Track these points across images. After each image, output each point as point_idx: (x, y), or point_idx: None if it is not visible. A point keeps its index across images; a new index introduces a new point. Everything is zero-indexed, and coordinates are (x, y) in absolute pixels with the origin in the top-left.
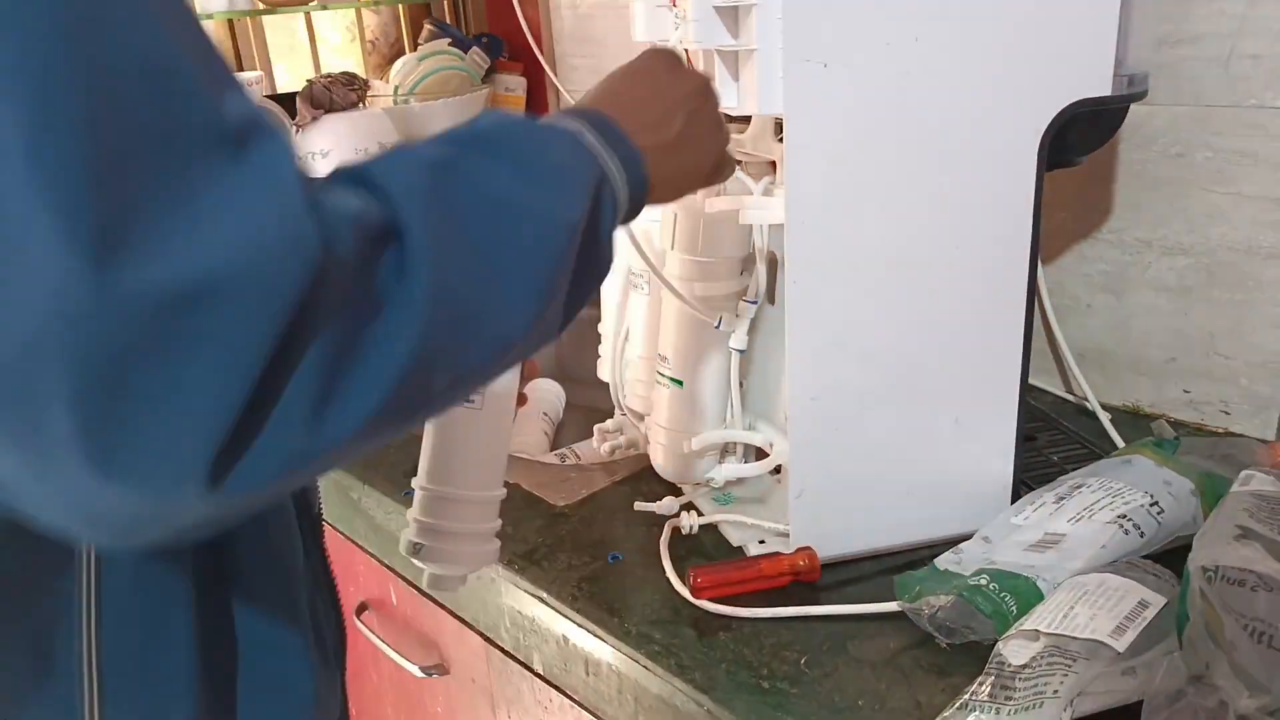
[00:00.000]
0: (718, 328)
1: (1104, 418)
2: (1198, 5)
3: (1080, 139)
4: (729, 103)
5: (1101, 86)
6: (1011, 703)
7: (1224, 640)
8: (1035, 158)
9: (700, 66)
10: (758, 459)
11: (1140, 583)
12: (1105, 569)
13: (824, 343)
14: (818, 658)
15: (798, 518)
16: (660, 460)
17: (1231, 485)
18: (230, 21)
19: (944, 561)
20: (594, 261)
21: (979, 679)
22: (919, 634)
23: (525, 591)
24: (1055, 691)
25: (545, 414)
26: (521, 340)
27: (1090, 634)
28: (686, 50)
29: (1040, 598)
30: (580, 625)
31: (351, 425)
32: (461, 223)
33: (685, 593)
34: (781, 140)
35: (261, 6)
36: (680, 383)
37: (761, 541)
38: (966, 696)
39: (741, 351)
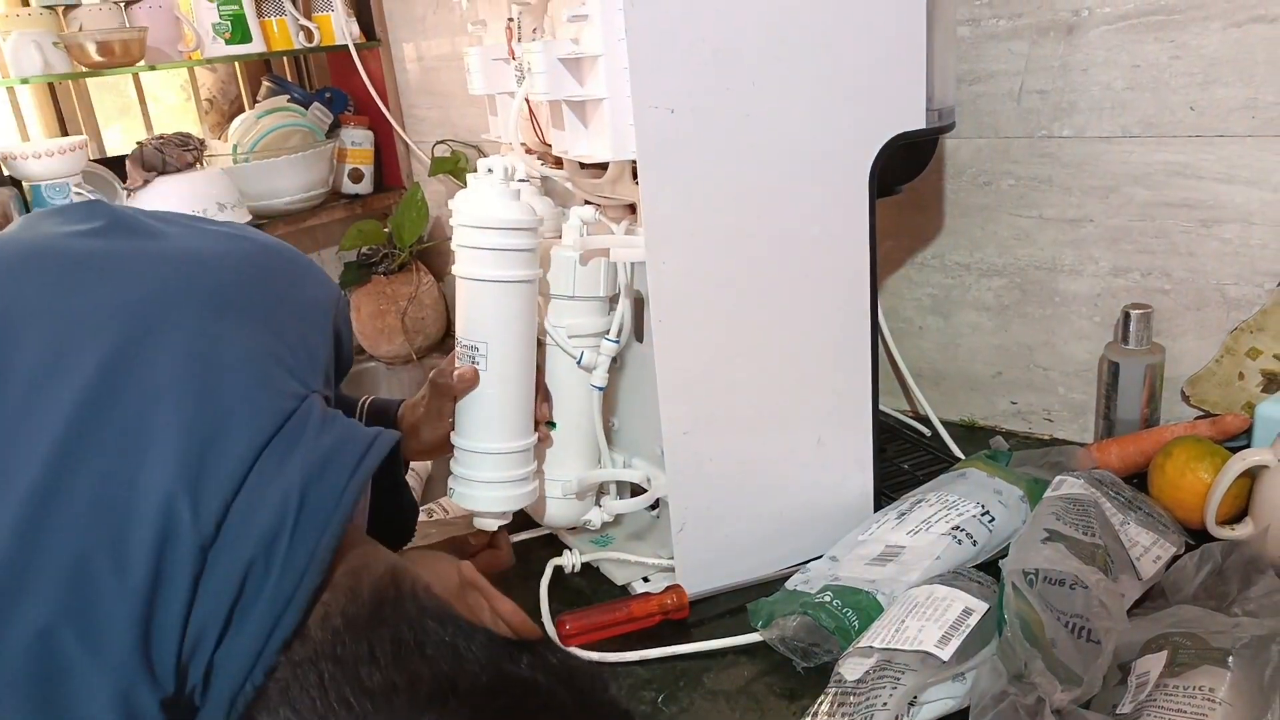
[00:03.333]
0: (579, 364)
1: (944, 431)
2: (989, 45)
3: (899, 170)
4: (580, 151)
5: (916, 120)
6: (847, 718)
7: (1044, 638)
8: (867, 187)
9: (546, 116)
10: (633, 495)
11: (965, 591)
12: (935, 580)
13: (692, 377)
14: (674, 694)
15: (682, 552)
16: (541, 509)
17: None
18: (51, 85)
19: (793, 582)
20: None
21: (820, 697)
22: (774, 661)
23: None
24: (885, 704)
25: (413, 469)
26: None
27: (918, 645)
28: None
29: (880, 610)
30: None
31: None
32: None
33: (555, 638)
34: (638, 182)
35: (82, 69)
36: (554, 425)
37: (645, 579)
38: (809, 716)
39: (601, 389)
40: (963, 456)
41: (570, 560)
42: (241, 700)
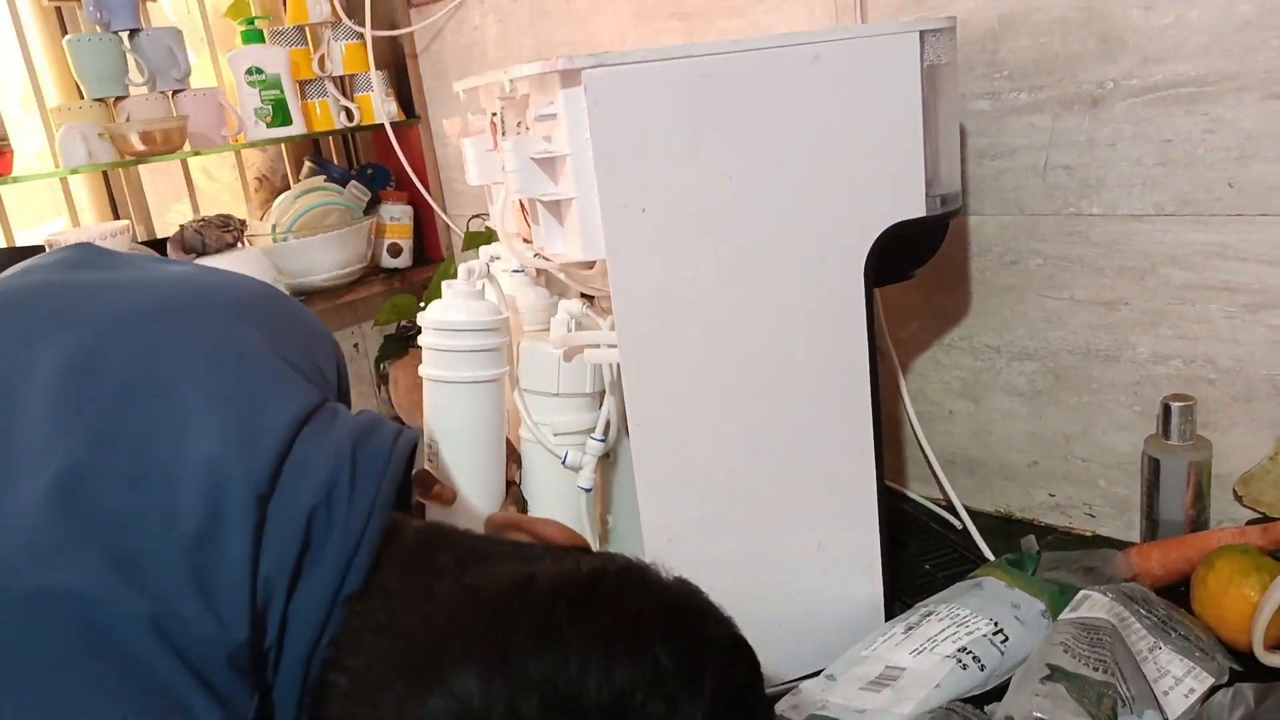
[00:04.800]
0: (564, 463)
1: (971, 526)
2: (1010, 120)
3: (908, 255)
4: (555, 249)
5: (916, 208)
6: None
7: None
8: (862, 279)
9: (530, 212)
10: None
11: None
12: (924, 715)
13: (673, 478)
14: None
15: None
16: None
17: None
18: (104, 172)
19: (782, 706)
20: None
21: None
22: None
23: None
24: None
25: None
26: None
27: None
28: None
29: None
30: None
31: None
32: None
33: None
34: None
35: (127, 158)
36: None
37: None
38: None
39: (588, 490)
40: (990, 554)
41: None
42: (318, 659)
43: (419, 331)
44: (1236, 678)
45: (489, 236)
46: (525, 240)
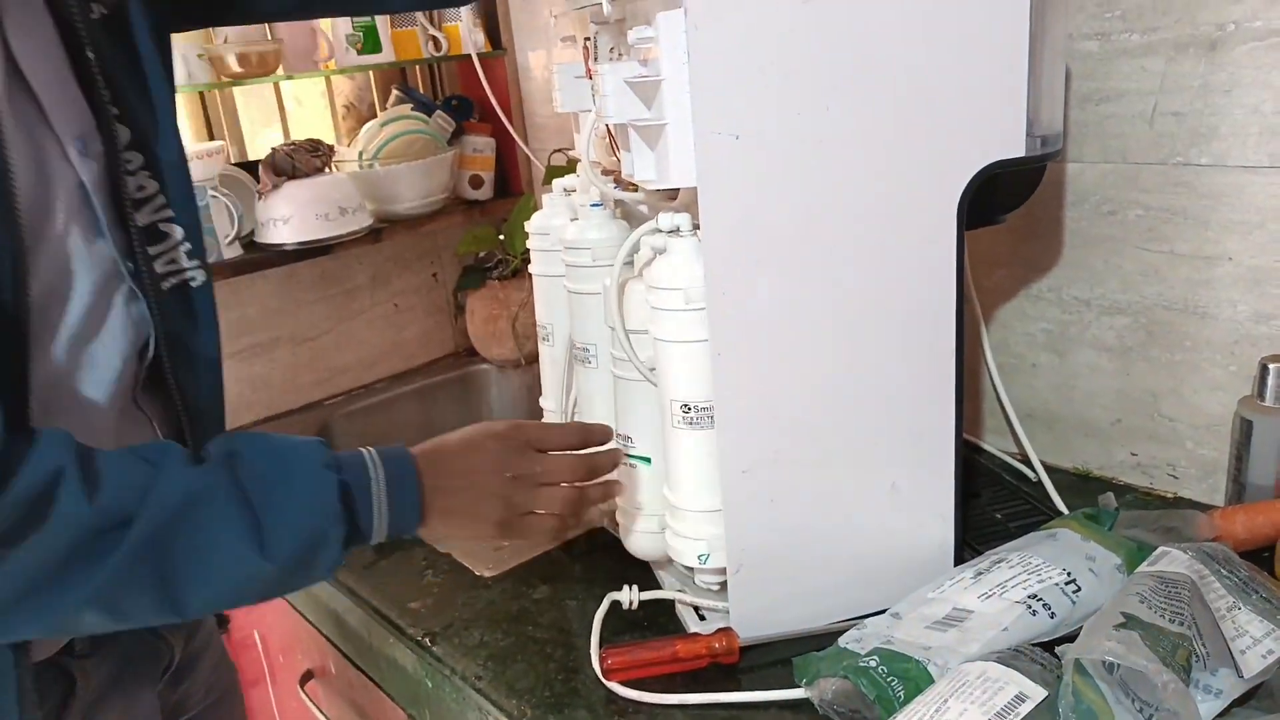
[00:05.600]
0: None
1: (1046, 479)
2: (1120, 62)
3: (1000, 198)
4: (645, 175)
5: (1015, 148)
6: None
7: None
8: (955, 220)
9: (617, 139)
10: None
11: (1023, 673)
12: (990, 656)
13: (752, 412)
14: None
15: (736, 594)
16: (638, 544)
17: None
18: (201, 94)
19: (846, 639)
20: (306, 572)
21: None
22: (818, 717)
23: (436, 669)
24: None
25: None
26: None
27: None
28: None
29: (929, 682)
30: (480, 708)
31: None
32: (174, 546)
33: (598, 672)
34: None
35: (223, 80)
36: (649, 460)
37: (702, 617)
38: None
39: None
40: (1065, 508)
41: (629, 595)
42: None
43: (496, 264)
44: None
45: (569, 170)
46: (605, 171)
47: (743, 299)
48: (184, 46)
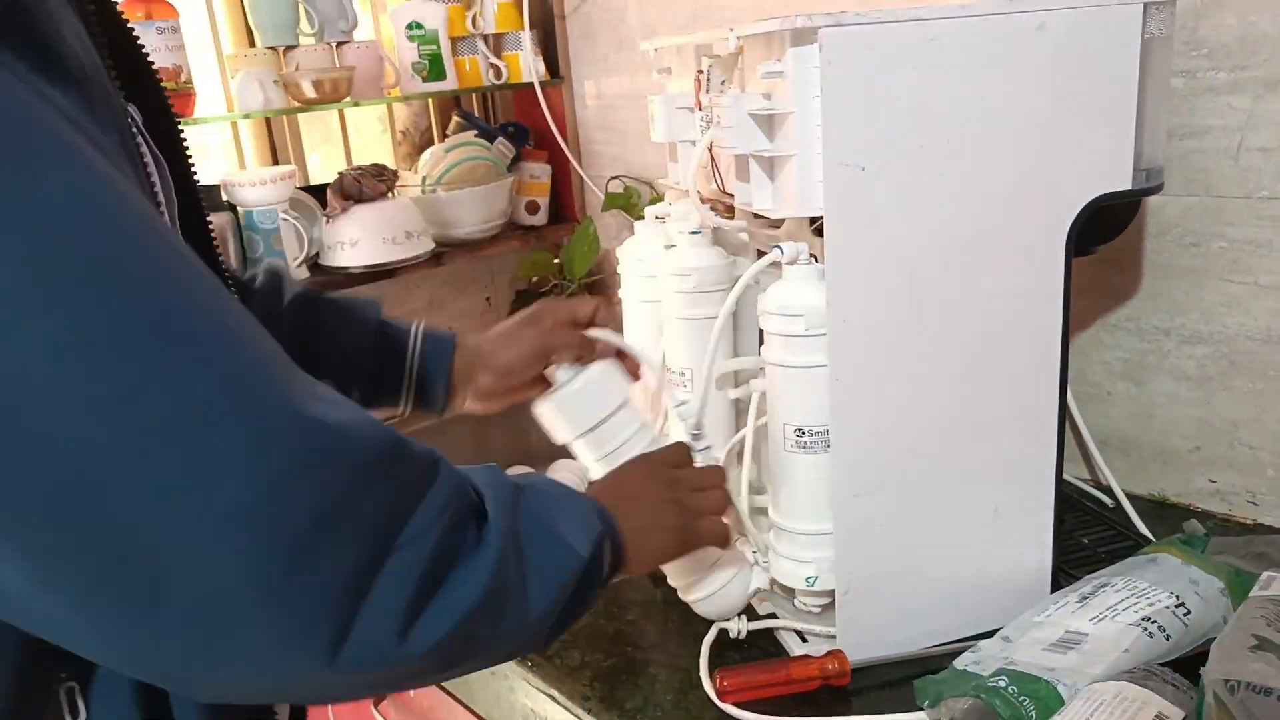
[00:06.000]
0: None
1: (1128, 505)
2: (1205, 99)
3: (1099, 230)
4: (764, 204)
5: (1122, 181)
6: None
7: None
8: (1064, 250)
9: (726, 166)
10: None
11: (1159, 693)
12: (1123, 676)
13: (866, 437)
14: None
15: (844, 616)
16: (708, 609)
17: None
18: (267, 119)
19: (962, 661)
20: (583, 601)
21: None
22: None
23: (538, 690)
24: None
25: None
26: (531, 631)
27: None
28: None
29: (1060, 703)
30: None
31: (431, 638)
32: (521, 529)
33: (711, 694)
34: (816, 233)
35: (296, 105)
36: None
37: (804, 639)
38: None
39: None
40: (1149, 534)
41: (736, 626)
42: None
43: (551, 289)
44: None
45: (627, 198)
46: (702, 200)
47: (862, 326)
48: (260, 73)
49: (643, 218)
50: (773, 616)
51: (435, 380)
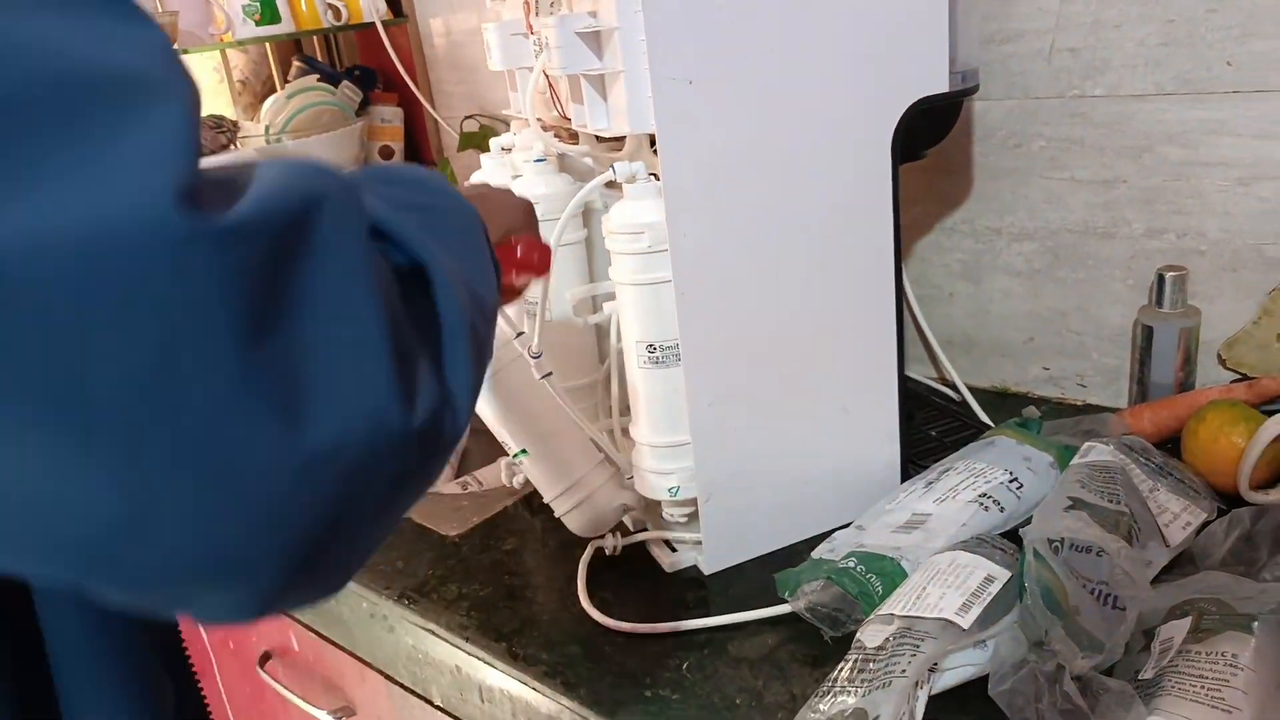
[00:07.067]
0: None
1: (970, 398)
2: (1018, 4)
3: (923, 134)
4: (599, 125)
5: (939, 84)
6: (866, 684)
7: (1068, 605)
8: (890, 154)
9: (565, 91)
10: None
11: (988, 558)
12: (957, 547)
13: (716, 348)
14: (699, 662)
15: (708, 522)
16: (574, 524)
17: None
18: None
19: (819, 551)
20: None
21: (840, 664)
22: (800, 630)
23: (417, 626)
24: (903, 671)
25: None
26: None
27: (938, 613)
28: (548, 75)
29: (905, 577)
30: (470, 654)
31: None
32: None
33: (589, 609)
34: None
35: None
36: (525, 452)
37: (674, 549)
38: (828, 681)
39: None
40: (991, 424)
41: (611, 542)
42: None
43: None
44: (1223, 515)
45: (483, 137)
46: (545, 127)
47: (702, 239)
48: None
49: None
50: (645, 530)
51: None
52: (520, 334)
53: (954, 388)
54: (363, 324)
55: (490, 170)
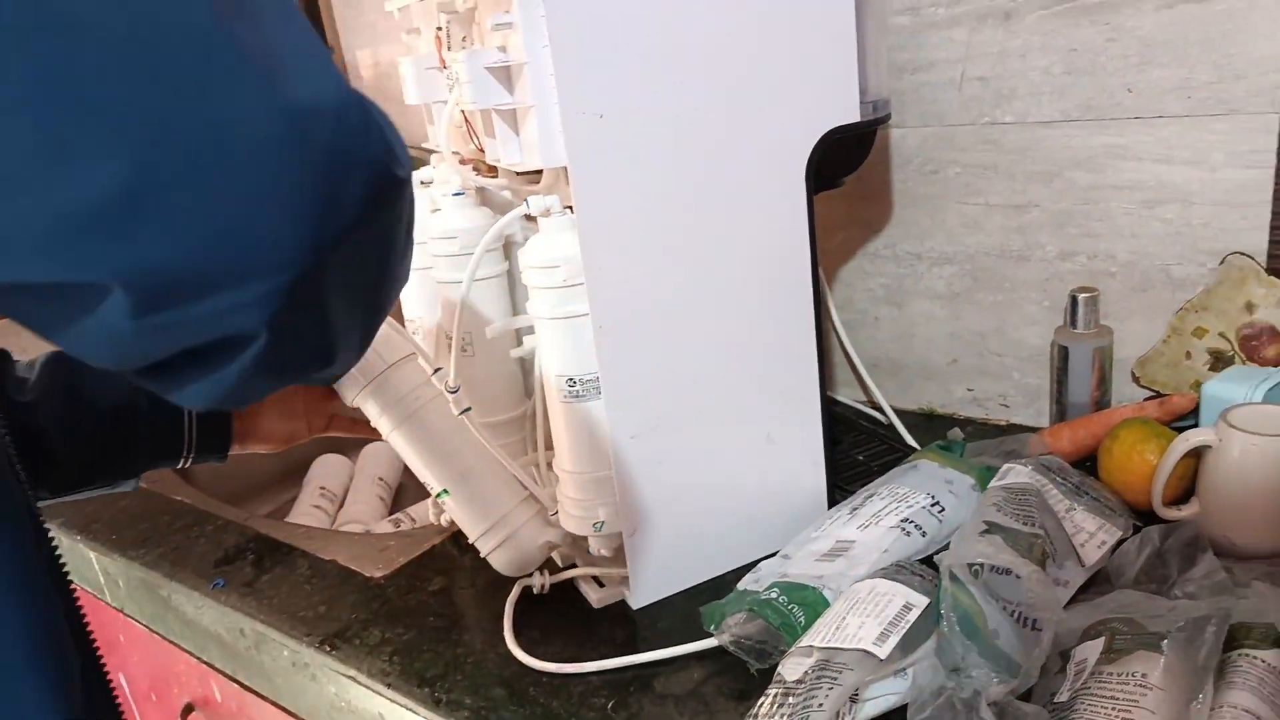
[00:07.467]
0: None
1: (897, 421)
2: (929, 34)
3: (838, 163)
4: (512, 159)
5: (851, 114)
6: (786, 718)
7: (985, 629)
8: (804, 183)
9: (479, 126)
10: None
11: (907, 585)
12: (878, 574)
13: (635, 380)
14: (624, 700)
15: (634, 556)
16: (499, 561)
17: None
18: None
19: (744, 582)
20: None
21: (760, 698)
22: (726, 663)
23: (338, 673)
24: (821, 705)
25: (381, 478)
26: None
27: (856, 643)
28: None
29: (827, 606)
30: (392, 700)
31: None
32: None
33: (515, 650)
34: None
35: None
36: (447, 492)
37: (601, 585)
38: (750, 717)
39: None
40: (918, 446)
41: (538, 581)
42: None
43: None
44: (1139, 532)
45: (417, 165)
46: (463, 161)
47: (618, 271)
48: None
49: None
50: (573, 566)
51: (218, 421)
52: (438, 369)
53: (881, 410)
54: (308, 31)
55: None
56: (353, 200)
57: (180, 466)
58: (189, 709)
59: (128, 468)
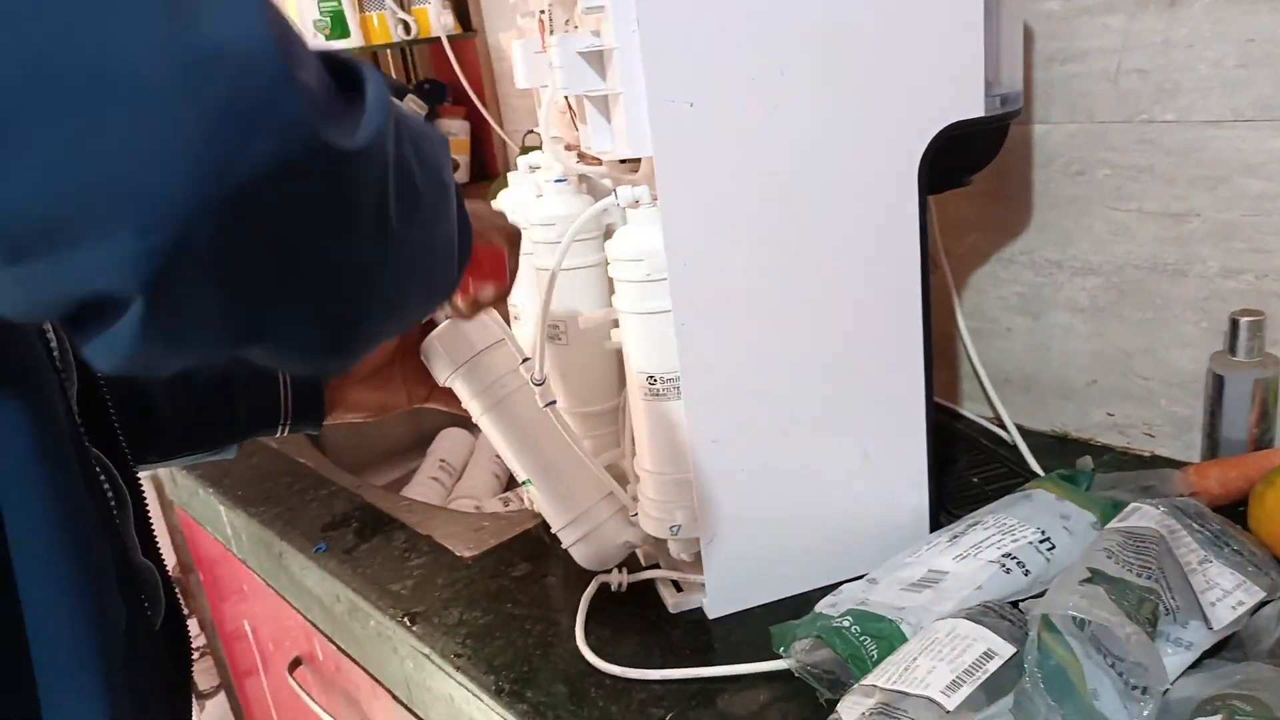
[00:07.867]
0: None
1: (1021, 442)
2: (1081, 21)
3: (962, 160)
4: (603, 146)
5: (974, 108)
6: None
7: (1083, 688)
8: (915, 182)
9: (577, 112)
10: None
11: (993, 629)
12: (961, 614)
13: (719, 381)
14: (685, 714)
15: (711, 563)
16: (580, 555)
17: None
18: None
19: (823, 605)
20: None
21: None
22: (795, 688)
23: (415, 649)
24: None
25: (497, 456)
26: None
27: (923, 689)
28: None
29: (904, 641)
30: (461, 684)
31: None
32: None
33: (584, 648)
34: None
35: None
36: (529, 482)
37: (680, 589)
38: None
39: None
40: (1041, 472)
41: (616, 579)
42: None
43: None
44: None
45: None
46: (568, 147)
47: (704, 269)
48: None
49: None
50: (656, 567)
51: (313, 391)
52: (525, 360)
53: (1006, 429)
54: None
55: (515, 187)
56: (255, 163)
57: (279, 435)
58: (297, 663)
59: (228, 436)
